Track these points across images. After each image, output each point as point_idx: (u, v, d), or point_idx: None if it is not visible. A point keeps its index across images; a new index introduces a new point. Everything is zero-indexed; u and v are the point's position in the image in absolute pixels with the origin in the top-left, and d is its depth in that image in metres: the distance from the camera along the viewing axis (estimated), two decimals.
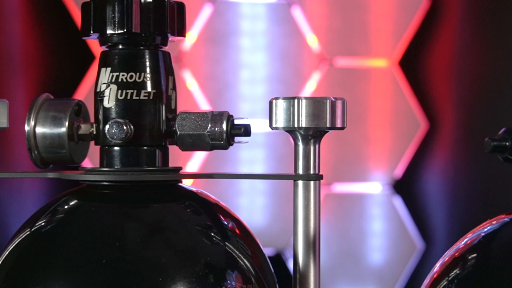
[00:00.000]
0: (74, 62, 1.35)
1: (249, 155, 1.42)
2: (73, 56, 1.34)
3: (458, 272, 0.40)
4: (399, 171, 1.46)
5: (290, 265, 1.43)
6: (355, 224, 1.47)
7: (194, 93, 1.38)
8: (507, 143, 0.39)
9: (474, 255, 0.40)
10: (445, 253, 0.43)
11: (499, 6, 1.42)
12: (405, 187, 1.47)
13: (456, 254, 0.41)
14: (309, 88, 1.43)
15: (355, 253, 1.47)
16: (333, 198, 1.46)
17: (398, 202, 1.47)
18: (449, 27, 1.47)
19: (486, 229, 0.41)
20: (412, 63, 1.47)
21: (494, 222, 0.42)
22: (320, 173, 0.46)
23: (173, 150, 1.48)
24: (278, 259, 1.43)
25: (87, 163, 0.50)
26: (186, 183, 0.51)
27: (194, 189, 0.50)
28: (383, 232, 1.48)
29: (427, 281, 0.42)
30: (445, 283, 0.40)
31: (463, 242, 0.42)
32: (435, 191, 1.48)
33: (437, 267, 0.42)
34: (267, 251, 1.43)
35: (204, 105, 1.37)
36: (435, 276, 0.42)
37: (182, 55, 1.37)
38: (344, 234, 1.46)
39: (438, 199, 1.48)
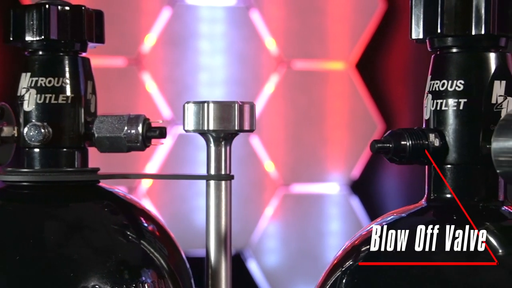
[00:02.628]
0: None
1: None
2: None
3: (350, 263, 0.43)
4: (356, 172, 1.49)
5: (250, 265, 1.45)
6: (313, 224, 1.49)
7: (153, 95, 1.39)
8: (390, 145, 0.42)
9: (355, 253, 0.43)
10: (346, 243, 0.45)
11: None
12: (362, 187, 1.50)
13: (348, 247, 0.44)
14: (267, 90, 1.45)
15: (313, 253, 1.50)
16: (291, 199, 1.48)
17: (355, 202, 1.49)
18: (405, 30, 1.49)
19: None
20: (369, 66, 1.49)
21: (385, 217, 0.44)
22: (279, 174, 0.49)
23: (134, 153, 1.47)
24: (237, 259, 1.46)
25: None
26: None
27: (113, 189, 0.52)
28: (341, 232, 1.50)
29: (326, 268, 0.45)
30: (338, 273, 0.43)
31: (355, 237, 0.44)
32: (392, 192, 1.51)
33: (334, 257, 0.45)
34: None
35: (163, 108, 1.39)
36: (330, 267, 0.44)
37: (141, 58, 1.38)
38: (302, 234, 1.49)
39: (395, 199, 1.50)
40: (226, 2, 1.43)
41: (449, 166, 0.43)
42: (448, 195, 0.43)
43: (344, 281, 0.42)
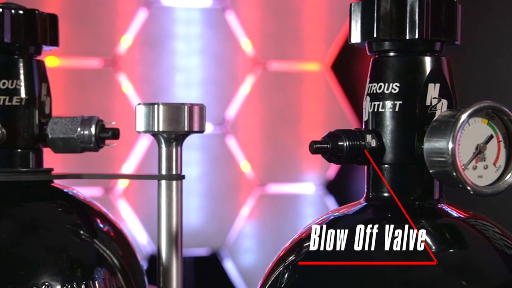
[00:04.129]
0: None
1: (184, 157, 1.45)
2: None
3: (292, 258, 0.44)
4: (331, 172, 1.50)
5: (226, 264, 1.47)
6: (289, 224, 1.51)
7: (129, 96, 1.40)
8: (328, 146, 0.43)
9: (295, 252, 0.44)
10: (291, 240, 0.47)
11: None
12: (337, 187, 1.51)
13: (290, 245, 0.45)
14: (243, 91, 1.47)
15: None
16: (267, 199, 1.50)
17: (331, 202, 1.51)
18: None
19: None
20: (344, 67, 1.51)
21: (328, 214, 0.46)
22: (255, 174, 0.50)
23: (114, 152, 1.48)
24: (213, 259, 1.47)
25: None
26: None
27: (67, 189, 0.53)
28: None
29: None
30: (278, 272, 0.44)
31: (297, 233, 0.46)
32: None
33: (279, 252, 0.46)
34: (203, 251, 1.47)
35: None
36: (274, 261, 0.46)
37: (117, 59, 1.39)
38: (278, 233, 1.50)
39: None
40: (202, 4, 1.44)
41: (386, 166, 0.44)
42: (386, 194, 0.44)
43: (284, 280, 0.43)
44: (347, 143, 0.43)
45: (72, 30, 1.36)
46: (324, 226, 0.44)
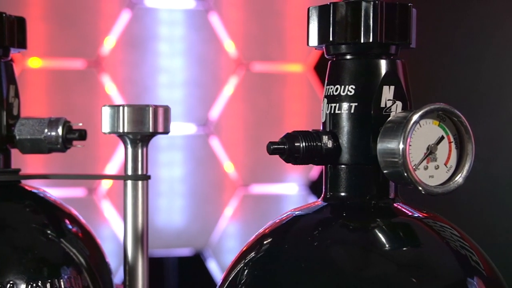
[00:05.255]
0: None
1: (168, 158, 1.47)
2: None
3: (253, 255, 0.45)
4: (314, 173, 1.51)
5: (209, 264, 1.47)
6: None
7: (113, 97, 1.41)
8: (285, 146, 0.44)
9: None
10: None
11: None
12: (320, 188, 1.52)
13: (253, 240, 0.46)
14: (227, 92, 1.48)
15: None
16: (251, 199, 1.51)
17: None
18: None
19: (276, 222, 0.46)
20: (326, 68, 1.52)
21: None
22: (238, 175, 0.51)
23: (98, 153, 1.49)
24: (197, 259, 1.48)
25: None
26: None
27: (35, 190, 0.54)
28: None
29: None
30: (238, 270, 0.45)
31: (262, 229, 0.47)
32: None
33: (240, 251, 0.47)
34: (186, 251, 1.48)
35: None
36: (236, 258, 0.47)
37: (100, 60, 1.40)
38: None
39: None
40: (185, 5, 1.45)
41: (342, 166, 0.45)
42: (343, 194, 0.45)
43: (244, 276, 0.44)
44: (304, 144, 0.44)
45: (56, 31, 1.37)
46: (283, 225, 0.45)
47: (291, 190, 1.51)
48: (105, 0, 1.42)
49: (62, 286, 0.49)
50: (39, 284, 0.48)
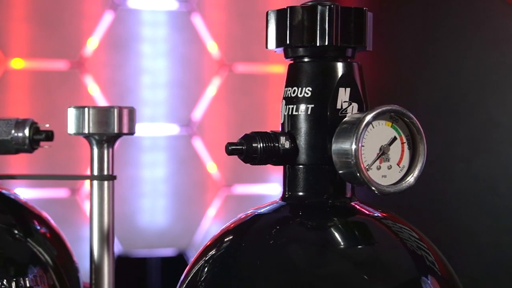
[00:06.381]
0: None
1: (151, 158, 1.47)
2: None
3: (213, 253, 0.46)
4: None
5: None
6: None
7: (95, 98, 1.42)
8: (243, 147, 0.45)
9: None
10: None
11: (388, 16, 1.49)
12: None
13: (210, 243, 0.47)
14: (210, 93, 1.48)
15: None
16: (234, 199, 1.51)
17: None
18: None
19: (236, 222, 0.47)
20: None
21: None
22: (221, 175, 0.52)
23: (81, 154, 1.49)
24: (180, 259, 1.48)
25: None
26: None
27: (5, 191, 0.55)
28: None
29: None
30: (202, 262, 0.46)
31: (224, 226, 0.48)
32: None
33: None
34: (169, 252, 1.49)
35: None
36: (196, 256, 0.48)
37: (83, 61, 1.41)
38: None
39: None
40: (168, 6, 1.46)
41: (300, 166, 0.46)
42: (301, 193, 0.46)
43: (204, 273, 0.45)
44: (261, 144, 0.45)
45: (38, 32, 1.38)
46: (242, 224, 0.46)
47: (273, 190, 1.52)
48: (88, 1, 1.42)
49: (28, 285, 0.49)
50: (4, 282, 0.49)
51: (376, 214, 0.46)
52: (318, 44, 0.44)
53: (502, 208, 1.36)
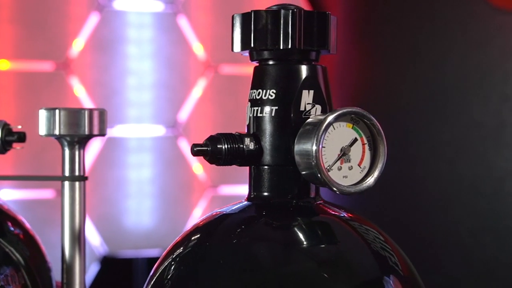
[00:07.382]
0: None
1: (137, 160, 1.48)
2: None
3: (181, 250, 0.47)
4: None
5: None
6: None
7: (81, 99, 1.42)
8: (208, 148, 0.46)
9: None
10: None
11: (374, 18, 1.50)
12: None
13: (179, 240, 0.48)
14: (195, 94, 1.49)
15: None
16: (219, 200, 1.52)
17: None
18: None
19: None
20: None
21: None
22: (207, 176, 0.52)
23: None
24: None
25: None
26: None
27: None
28: None
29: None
30: (169, 260, 0.47)
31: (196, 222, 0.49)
32: (321, 192, 1.55)
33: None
34: (155, 252, 1.49)
35: None
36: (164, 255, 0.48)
37: (69, 62, 1.41)
38: None
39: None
40: (154, 8, 1.47)
41: (264, 167, 0.47)
42: (265, 194, 0.47)
43: (170, 271, 0.46)
44: (226, 146, 0.46)
45: (24, 34, 1.38)
46: (207, 224, 0.47)
47: None
48: (74, 3, 1.43)
49: None
50: None
51: (339, 214, 0.47)
52: (281, 47, 0.45)
53: (485, 209, 1.37)
